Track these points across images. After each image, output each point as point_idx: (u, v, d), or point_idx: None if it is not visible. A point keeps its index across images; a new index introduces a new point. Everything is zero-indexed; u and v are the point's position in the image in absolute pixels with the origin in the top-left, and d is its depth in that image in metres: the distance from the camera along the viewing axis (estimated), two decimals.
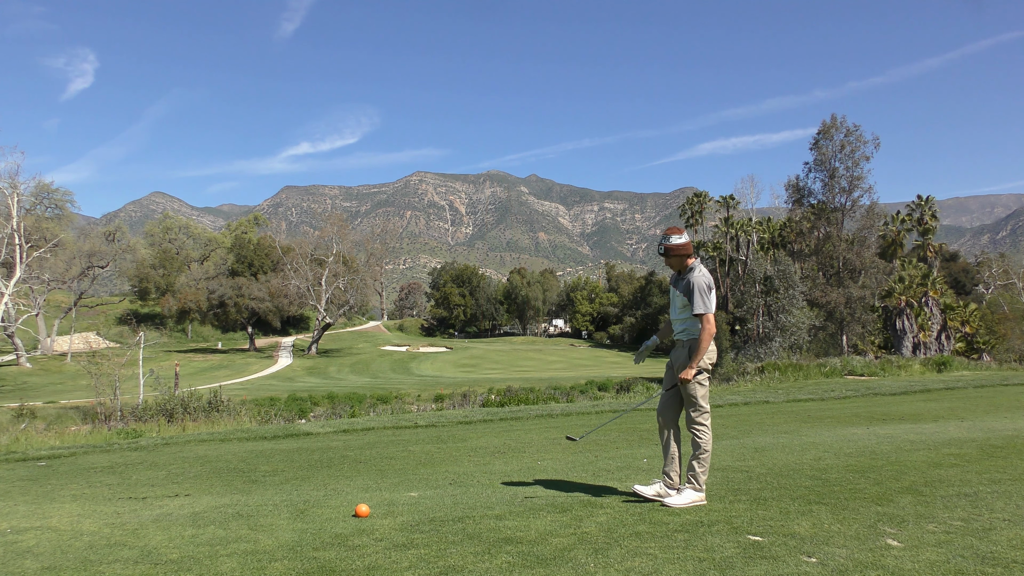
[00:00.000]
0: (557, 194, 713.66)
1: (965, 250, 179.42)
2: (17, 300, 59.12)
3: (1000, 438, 7.54)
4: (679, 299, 4.95)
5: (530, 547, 3.91)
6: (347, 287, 74.75)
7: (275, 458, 8.74)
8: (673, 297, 5.05)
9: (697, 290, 4.81)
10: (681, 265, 4.95)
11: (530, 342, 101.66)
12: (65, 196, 68.52)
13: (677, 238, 4.91)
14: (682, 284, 4.92)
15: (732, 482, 5.57)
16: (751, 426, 10.08)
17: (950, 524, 4.10)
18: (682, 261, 4.93)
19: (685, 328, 4.94)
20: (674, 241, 4.90)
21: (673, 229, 5.01)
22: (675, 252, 4.90)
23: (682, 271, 4.98)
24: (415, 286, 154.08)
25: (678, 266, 4.96)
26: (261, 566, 3.77)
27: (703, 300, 4.80)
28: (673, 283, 5.09)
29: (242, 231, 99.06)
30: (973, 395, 14.63)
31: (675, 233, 4.95)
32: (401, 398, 34.16)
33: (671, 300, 5.08)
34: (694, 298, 4.83)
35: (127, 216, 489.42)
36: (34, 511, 5.62)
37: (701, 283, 4.83)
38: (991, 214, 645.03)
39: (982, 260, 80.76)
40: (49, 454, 10.09)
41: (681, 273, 4.99)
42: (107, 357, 28.16)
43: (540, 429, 10.93)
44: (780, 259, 44.61)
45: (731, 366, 30.58)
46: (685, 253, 4.89)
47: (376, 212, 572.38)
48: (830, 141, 46.50)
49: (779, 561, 3.50)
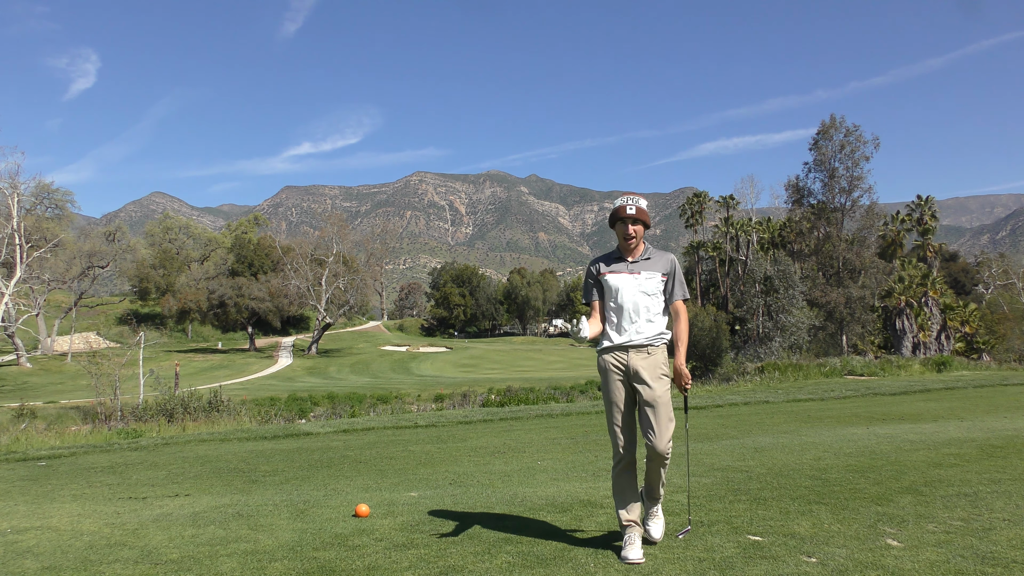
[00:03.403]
0: (557, 194, 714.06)
1: (965, 250, 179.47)
2: (17, 300, 59.11)
3: (1000, 438, 7.54)
4: (644, 283, 3.93)
5: (530, 547, 3.91)
6: (347, 287, 74.74)
7: (275, 458, 8.74)
8: (624, 286, 3.95)
9: (680, 271, 4.07)
10: (638, 241, 4.00)
11: (530, 342, 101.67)
12: (65, 196, 68.61)
13: (645, 202, 4.02)
14: (650, 264, 3.98)
15: (732, 482, 5.57)
16: (751, 426, 10.08)
17: (950, 524, 4.10)
18: (642, 233, 4.00)
19: (651, 322, 3.94)
20: (644, 205, 3.99)
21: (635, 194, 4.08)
22: (645, 220, 3.95)
23: (636, 249, 4.02)
24: (415, 286, 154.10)
25: (637, 241, 3.98)
26: (261, 566, 3.77)
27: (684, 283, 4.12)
28: (618, 266, 4.01)
29: (242, 231, 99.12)
30: (973, 395, 14.63)
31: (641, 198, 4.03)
32: (401, 398, 34.16)
33: (612, 290, 3.98)
34: (676, 280, 4.03)
35: (127, 216, 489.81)
36: (34, 511, 5.62)
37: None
38: (991, 214, 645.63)
39: (982, 260, 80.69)
40: (49, 454, 10.10)
41: (631, 251, 4.01)
42: (107, 357, 28.15)
43: (540, 429, 10.93)
44: (780, 259, 44.60)
45: (731, 366, 30.58)
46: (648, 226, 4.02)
47: (376, 212, 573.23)
48: (830, 141, 46.56)
49: (779, 561, 3.50)
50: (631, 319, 3.94)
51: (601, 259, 4.15)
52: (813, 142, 47.35)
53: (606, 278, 4.01)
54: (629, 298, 3.94)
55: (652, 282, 3.96)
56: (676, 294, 4.05)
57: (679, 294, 4.05)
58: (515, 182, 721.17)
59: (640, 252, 4.04)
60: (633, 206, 3.96)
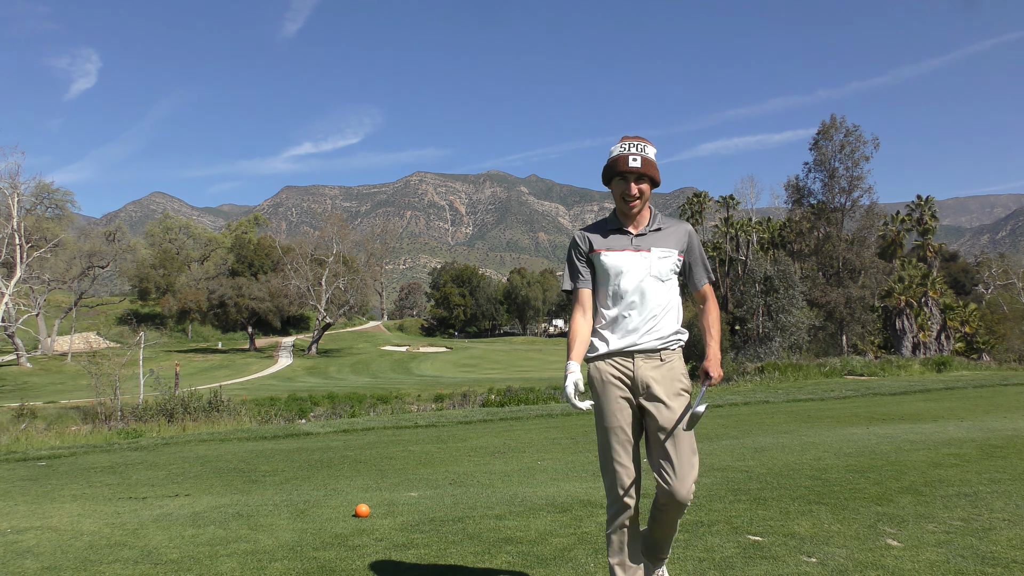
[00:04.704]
0: (557, 194, 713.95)
1: (965, 250, 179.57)
2: (17, 300, 59.14)
3: (1000, 438, 7.53)
4: (655, 264, 2.88)
5: (530, 547, 3.91)
6: (347, 287, 74.74)
7: (275, 458, 8.74)
8: (627, 268, 2.88)
9: (699, 245, 3.02)
10: (643, 204, 2.91)
11: (530, 342, 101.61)
12: (65, 196, 68.59)
13: (654, 150, 2.90)
14: (661, 238, 2.93)
15: (732, 482, 5.57)
16: (751, 426, 10.08)
17: (950, 524, 4.10)
18: (648, 195, 2.90)
19: (665, 317, 2.89)
20: (653, 154, 2.87)
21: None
22: (653, 175, 2.84)
23: (641, 216, 2.94)
24: (415, 286, 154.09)
25: (641, 205, 2.89)
26: (261, 566, 3.77)
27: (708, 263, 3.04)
28: (618, 240, 2.92)
29: (242, 231, 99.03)
30: (973, 395, 14.62)
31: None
32: (401, 398, 34.14)
33: (611, 273, 2.90)
34: (697, 258, 3.00)
35: (127, 216, 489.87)
36: (34, 511, 5.62)
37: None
38: (991, 214, 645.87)
39: (982, 260, 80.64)
40: (49, 454, 10.10)
41: (633, 219, 2.92)
42: (107, 357, 28.12)
43: (540, 429, 10.94)
44: (780, 259, 44.61)
45: (731, 366, 30.55)
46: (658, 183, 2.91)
47: (376, 212, 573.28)
48: (830, 141, 46.57)
49: (779, 561, 3.50)
50: (638, 313, 2.88)
51: (593, 229, 3.00)
52: (813, 142, 47.38)
53: (602, 256, 2.92)
54: (635, 284, 2.87)
55: (666, 262, 2.90)
56: (700, 278, 3.02)
57: (703, 277, 3.02)
58: (515, 182, 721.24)
59: (646, 221, 2.96)
60: (638, 156, 2.81)
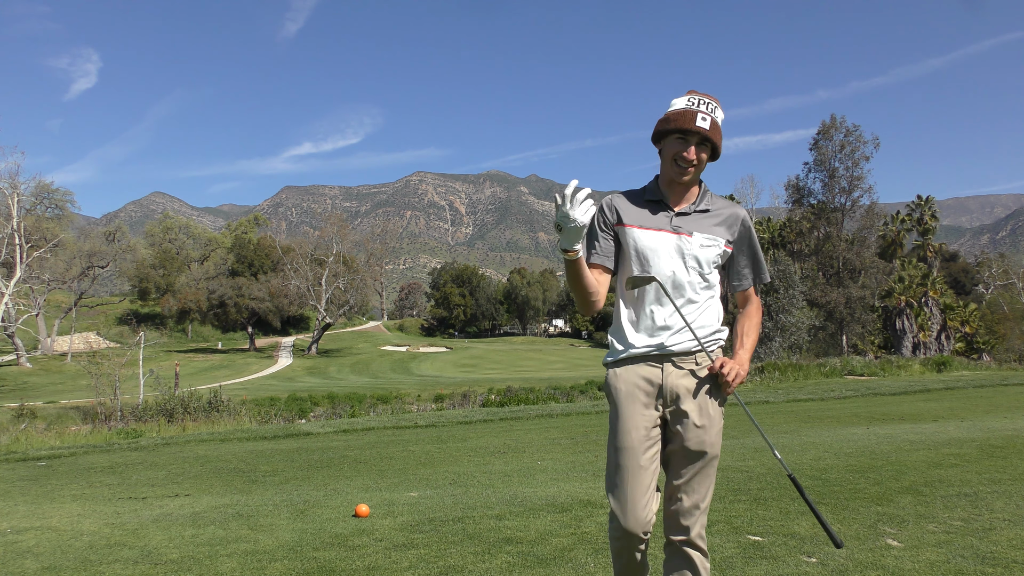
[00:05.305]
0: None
1: (965, 250, 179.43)
2: (17, 300, 59.10)
3: (1000, 438, 7.53)
4: (698, 251, 2.34)
5: (530, 547, 3.91)
6: (347, 287, 74.72)
7: (275, 458, 8.74)
8: (663, 250, 2.35)
9: (756, 237, 2.47)
10: (696, 177, 2.37)
11: (530, 342, 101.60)
12: (65, 196, 68.52)
13: (723, 115, 2.38)
14: (708, 221, 2.38)
15: (732, 482, 5.57)
16: (751, 426, 10.07)
17: (950, 524, 4.10)
18: (704, 167, 2.37)
19: (704, 313, 2.38)
20: (722, 119, 2.36)
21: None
22: (717, 142, 2.32)
23: (690, 191, 2.41)
24: (415, 286, 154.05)
25: (694, 176, 2.35)
26: (261, 566, 3.77)
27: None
28: (654, 217, 2.37)
29: (242, 231, 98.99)
30: (973, 395, 14.63)
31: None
32: (401, 398, 34.12)
33: (642, 254, 2.36)
34: (751, 253, 2.46)
35: (127, 216, 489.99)
36: (34, 511, 5.62)
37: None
38: (991, 214, 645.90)
39: (982, 260, 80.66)
40: (49, 454, 10.10)
41: (678, 192, 2.39)
42: (107, 357, 28.10)
43: (540, 429, 10.94)
44: (780, 259, 44.57)
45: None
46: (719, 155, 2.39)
47: (376, 212, 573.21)
48: (830, 141, 46.60)
49: (779, 561, 3.49)
50: (669, 309, 2.33)
51: (626, 197, 2.44)
52: (813, 142, 47.42)
53: (633, 233, 2.37)
54: (669, 270, 2.33)
55: (708, 251, 2.35)
56: (748, 276, 2.48)
57: (752, 277, 2.48)
58: (515, 182, 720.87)
59: (694, 198, 2.40)
60: (707, 116, 2.28)
